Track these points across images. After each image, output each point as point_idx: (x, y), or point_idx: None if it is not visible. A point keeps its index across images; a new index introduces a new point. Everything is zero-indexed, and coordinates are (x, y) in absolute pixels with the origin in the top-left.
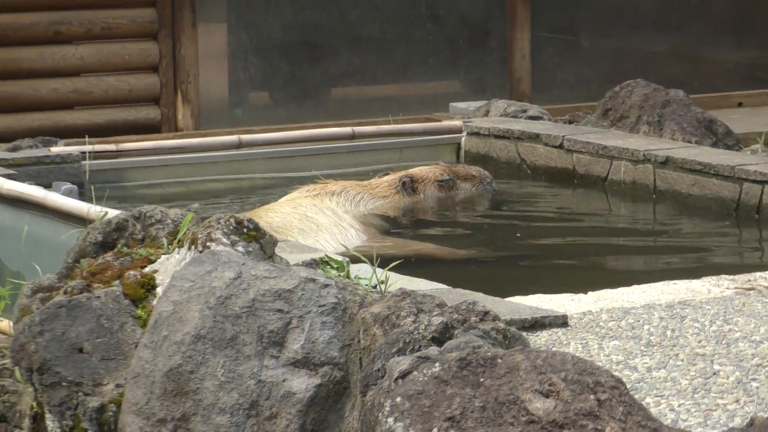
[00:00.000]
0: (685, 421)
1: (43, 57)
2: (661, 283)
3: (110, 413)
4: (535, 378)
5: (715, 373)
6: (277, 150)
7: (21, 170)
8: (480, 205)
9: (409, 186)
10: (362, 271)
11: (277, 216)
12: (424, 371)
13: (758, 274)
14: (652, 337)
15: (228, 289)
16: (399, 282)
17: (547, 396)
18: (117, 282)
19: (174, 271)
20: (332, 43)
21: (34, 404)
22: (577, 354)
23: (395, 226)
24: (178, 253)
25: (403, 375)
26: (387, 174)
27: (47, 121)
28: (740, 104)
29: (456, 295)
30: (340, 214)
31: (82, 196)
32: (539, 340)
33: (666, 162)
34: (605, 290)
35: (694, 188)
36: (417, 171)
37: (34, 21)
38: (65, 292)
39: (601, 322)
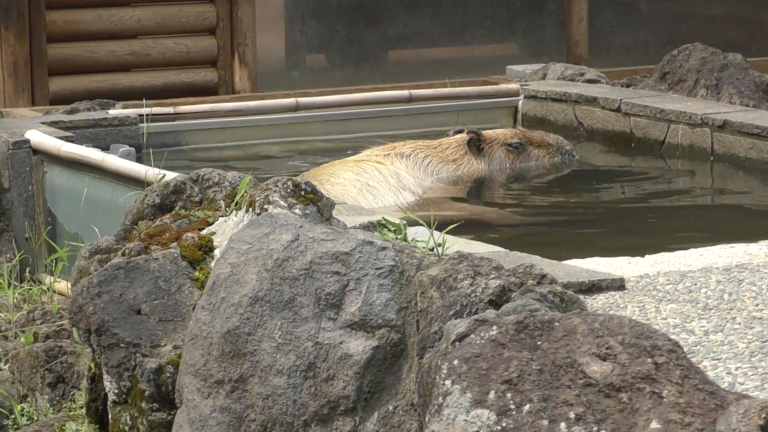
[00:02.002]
0: (743, 384)
1: (100, 19)
2: (719, 246)
3: (168, 374)
4: (593, 341)
5: None
6: (333, 113)
7: (79, 133)
8: (555, 174)
9: (475, 143)
10: (419, 234)
11: (338, 182)
12: (482, 334)
13: None
14: (709, 301)
15: (285, 251)
16: (456, 245)
17: (604, 359)
18: (175, 244)
19: (231, 233)
20: (389, 6)
21: (92, 365)
22: (634, 317)
23: (458, 191)
24: (236, 215)
25: (461, 338)
26: (461, 131)
27: (105, 83)
28: None
29: (513, 258)
30: (404, 182)
31: (140, 158)
32: (596, 303)
33: (723, 125)
34: (662, 253)
35: (752, 152)
36: (488, 131)
37: None
38: (123, 254)
39: (658, 286)
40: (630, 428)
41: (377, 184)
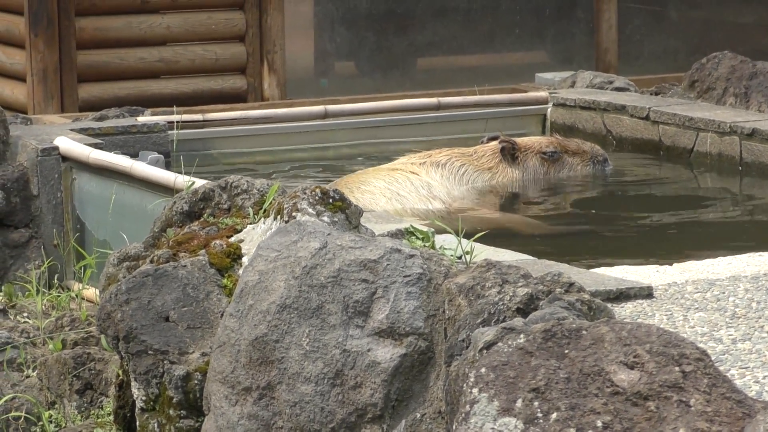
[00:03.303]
0: None
1: (130, 26)
2: (747, 254)
3: (196, 381)
4: (620, 350)
5: None
6: (362, 120)
7: (108, 139)
8: (589, 184)
9: (509, 152)
10: (447, 241)
11: (368, 190)
12: (509, 342)
13: None
14: (737, 309)
15: (313, 259)
16: (484, 253)
17: (631, 368)
18: (203, 251)
19: (260, 240)
20: (418, 13)
21: (120, 372)
22: (662, 326)
23: (490, 201)
24: (264, 222)
25: (488, 346)
26: (495, 138)
27: (134, 90)
28: None
29: (541, 266)
30: (436, 192)
31: (169, 165)
32: (624, 311)
33: (752, 134)
34: (690, 262)
35: None
36: (522, 139)
37: None
38: (152, 261)
39: (686, 294)
40: None
41: (407, 193)
